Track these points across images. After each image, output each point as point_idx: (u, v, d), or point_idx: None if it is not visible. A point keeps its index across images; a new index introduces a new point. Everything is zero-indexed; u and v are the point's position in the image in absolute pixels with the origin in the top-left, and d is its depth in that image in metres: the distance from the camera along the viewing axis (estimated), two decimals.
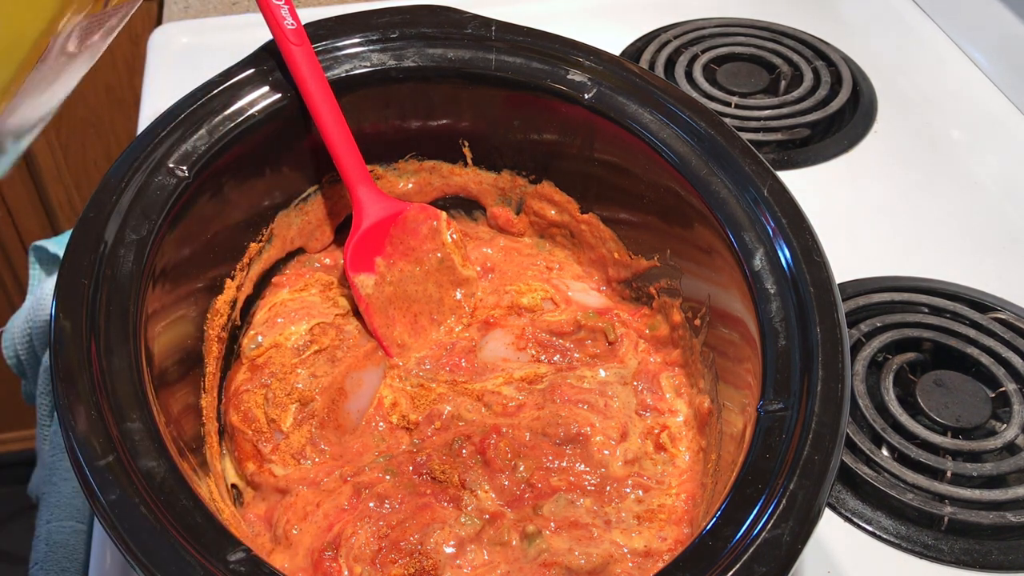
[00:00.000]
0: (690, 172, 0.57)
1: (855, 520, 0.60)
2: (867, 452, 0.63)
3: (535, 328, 0.63)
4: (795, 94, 0.92)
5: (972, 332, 0.70)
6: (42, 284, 0.99)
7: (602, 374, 0.61)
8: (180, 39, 0.98)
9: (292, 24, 0.58)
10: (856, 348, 0.68)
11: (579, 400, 0.58)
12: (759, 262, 0.52)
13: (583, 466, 0.56)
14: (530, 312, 0.64)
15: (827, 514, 0.61)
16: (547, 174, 0.67)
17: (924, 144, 0.89)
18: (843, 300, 0.60)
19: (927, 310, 0.72)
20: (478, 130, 0.66)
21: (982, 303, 0.73)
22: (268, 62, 0.60)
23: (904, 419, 0.64)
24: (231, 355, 0.61)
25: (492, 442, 0.55)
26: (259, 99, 0.59)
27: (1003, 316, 0.72)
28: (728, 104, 0.91)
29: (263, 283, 0.64)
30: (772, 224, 0.53)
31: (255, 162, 0.60)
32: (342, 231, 0.68)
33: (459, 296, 0.65)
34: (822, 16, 1.04)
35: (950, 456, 0.63)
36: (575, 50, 0.63)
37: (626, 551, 0.51)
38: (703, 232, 0.57)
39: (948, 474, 0.62)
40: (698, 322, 0.59)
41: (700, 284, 0.59)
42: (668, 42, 0.98)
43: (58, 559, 0.84)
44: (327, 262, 0.67)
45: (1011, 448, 0.64)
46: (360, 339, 0.63)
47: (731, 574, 0.40)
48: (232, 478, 0.57)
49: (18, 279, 1.57)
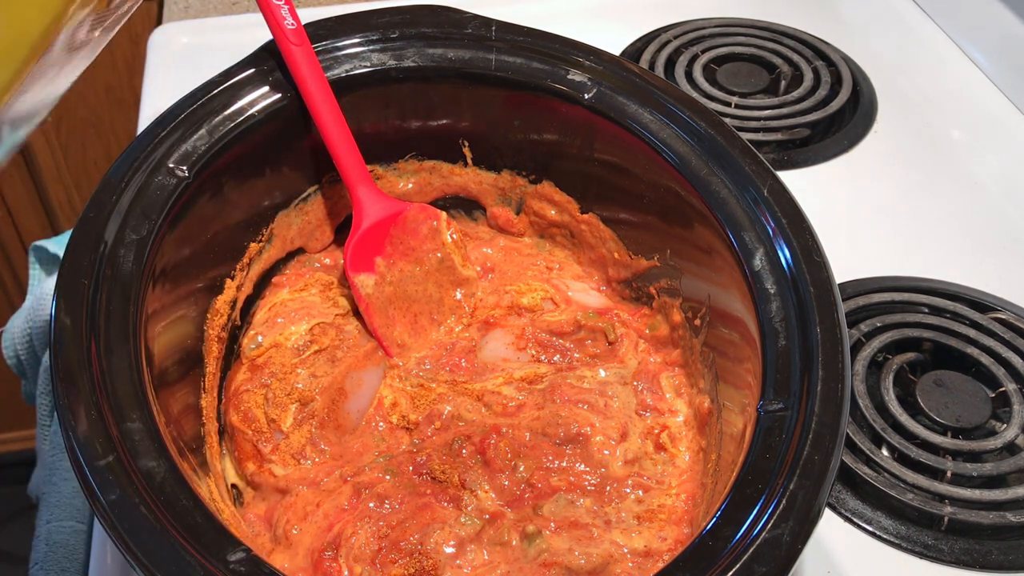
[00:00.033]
0: (690, 172, 0.57)
1: (855, 520, 0.60)
2: (867, 452, 0.63)
3: (535, 328, 0.63)
4: (795, 94, 0.92)
5: (972, 332, 0.70)
6: (42, 284, 0.99)
7: (602, 374, 0.61)
8: (180, 39, 0.98)
9: (292, 24, 0.58)
10: (856, 348, 0.68)
11: (579, 400, 0.58)
12: (759, 262, 0.52)
13: (583, 466, 0.56)
14: (530, 312, 0.64)
15: (827, 514, 0.61)
16: (547, 174, 0.67)
17: (924, 144, 0.89)
18: (843, 300, 0.60)
19: (927, 310, 0.72)
20: (478, 130, 0.66)
21: (982, 303, 0.73)
22: (268, 62, 0.60)
23: (904, 419, 0.64)
24: (231, 355, 0.61)
25: (492, 442, 0.55)
26: (259, 99, 0.59)
27: (1003, 316, 0.72)
28: (728, 104, 0.91)
29: (263, 283, 0.64)
30: (772, 224, 0.53)
31: (255, 162, 0.60)
32: (342, 231, 0.68)
33: (459, 296, 0.65)
34: (822, 16, 1.04)
35: (950, 456, 0.63)
36: (575, 50, 0.63)
37: (626, 551, 0.51)
38: (703, 232, 0.57)
39: (948, 474, 0.62)
40: (698, 322, 0.59)
41: (700, 284, 0.59)
42: (668, 42, 0.98)
43: (58, 559, 0.84)
44: (327, 262, 0.67)
45: (1011, 448, 0.64)
46: (360, 339, 0.63)
47: (731, 574, 0.40)
48: (232, 478, 0.57)
49: (18, 279, 1.57)
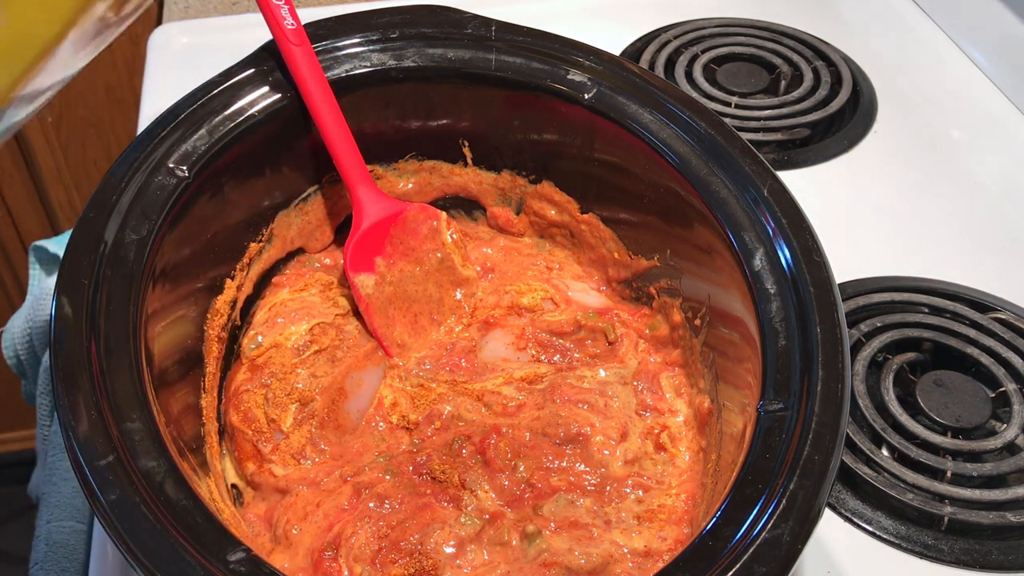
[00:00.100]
0: (690, 172, 0.57)
1: (855, 520, 0.60)
2: (867, 452, 0.63)
3: (535, 328, 0.63)
4: (795, 94, 0.92)
5: (972, 332, 0.70)
6: (42, 284, 0.99)
7: (602, 374, 0.61)
8: (180, 39, 0.98)
9: (292, 24, 0.58)
10: (856, 348, 0.68)
11: (579, 400, 0.58)
12: (759, 262, 0.52)
13: (583, 466, 0.56)
14: (530, 312, 0.64)
15: (827, 514, 0.61)
16: (547, 174, 0.67)
17: (924, 144, 0.89)
18: (843, 300, 0.60)
19: (927, 310, 0.72)
20: (478, 130, 0.66)
21: (982, 303, 0.73)
22: (268, 62, 0.60)
23: (904, 419, 0.64)
24: (231, 355, 0.61)
25: (492, 442, 0.55)
26: (259, 99, 0.59)
27: (1003, 316, 0.72)
28: (728, 104, 0.91)
29: (263, 283, 0.64)
30: (772, 224, 0.53)
31: (255, 162, 0.60)
32: (342, 231, 0.68)
33: (459, 296, 0.65)
34: (822, 16, 1.04)
35: (950, 456, 0.63)
36: (575, 50, 0.63)
37: (626, 551, 0.51)
38: (703, 232, 0.57)
39: (948, 474, 0.62)
40: (698, 322, 0.59)
41: (700, 284, 0.59)
42: (668, 42, 0.98)
43: (58, 559, 0.84)
44: (327, 262, 0.67)
45: (1011, 448, 0.64)
46: (360, 339, 0.63)
47: (731, 574, 0.40)
48: (232, 478, 0.57)
49: (18, 279, 1.57)
